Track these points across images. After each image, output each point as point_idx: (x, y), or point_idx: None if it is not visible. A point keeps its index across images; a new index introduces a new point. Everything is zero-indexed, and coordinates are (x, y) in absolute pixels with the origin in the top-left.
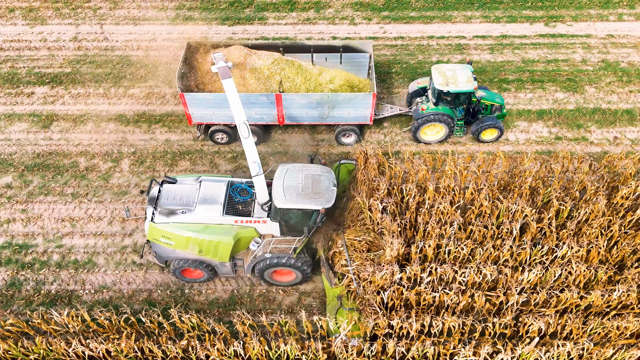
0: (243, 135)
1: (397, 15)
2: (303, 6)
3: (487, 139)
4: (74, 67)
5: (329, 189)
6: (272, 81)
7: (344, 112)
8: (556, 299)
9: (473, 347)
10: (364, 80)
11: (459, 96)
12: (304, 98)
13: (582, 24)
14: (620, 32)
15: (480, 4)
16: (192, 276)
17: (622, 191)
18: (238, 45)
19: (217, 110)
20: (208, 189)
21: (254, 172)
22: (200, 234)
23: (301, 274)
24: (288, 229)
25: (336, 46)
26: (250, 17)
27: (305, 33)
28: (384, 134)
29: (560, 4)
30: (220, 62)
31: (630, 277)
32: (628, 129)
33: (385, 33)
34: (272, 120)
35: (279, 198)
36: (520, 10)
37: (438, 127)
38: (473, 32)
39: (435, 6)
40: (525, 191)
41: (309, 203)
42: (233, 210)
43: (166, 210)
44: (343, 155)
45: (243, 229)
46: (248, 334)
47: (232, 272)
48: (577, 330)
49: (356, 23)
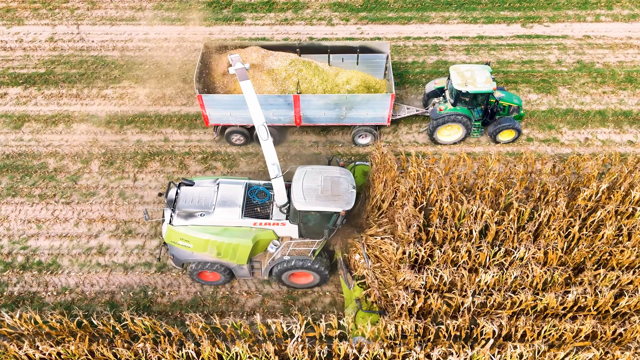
0: (262, 138)
1: (375, 16)
2: (281, 7)
3: (505, 140)
4: (48, 68)
5: (349, 191)
6: (289, 82)
7: (362, 113)
8: (510, 300)
9: (429, 349)
10: (380, 80)
11: (477, 97)
12: (322, 99)
13: (559, 24)
14: (597, 33)
15: (458, 5)
16: (209, 279)
17: (583, 193)
18: (255, 47)
19: (234, 112)
20: (226, 191)
21: (273, 175)
22: (219, 237)
23: (319, 276)
24: (306, 231)
25: (353, 47)
26: (228, 17)
27: (282, 34)
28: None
29: (538, 5)
30: (238, 64)
31: (587, 279)
32: (600, 130)
33: (362, 34)
34: (289, 121)
35: (299, 200)
36: (498, 11)
37: (455, 128)
38: (450, 33)
39: (413, 7)
40: (487, 192)
41: (329, 205)
42: (251, 213)
43: (184, 212)
44: (350, 156)
45: (261, 232)
46: (202, 337)
47: (250, 274)
48: (531, 332)
49: (333, 24)
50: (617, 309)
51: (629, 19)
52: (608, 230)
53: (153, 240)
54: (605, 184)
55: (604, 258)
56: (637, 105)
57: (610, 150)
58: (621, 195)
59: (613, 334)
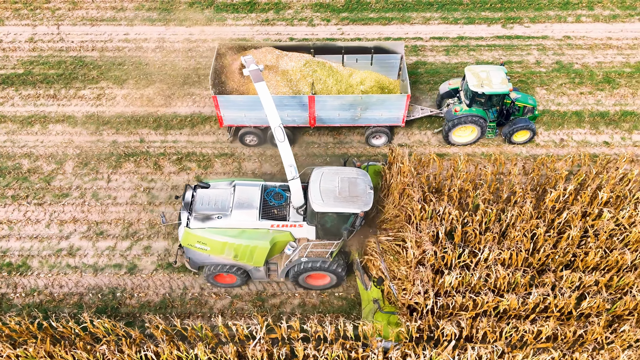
0: (278, 139)
1: (356, 17)
2: (263, 7)
3: (519, 140)
4: (26, 68)
5: (366, 192)
6: (304, 83)
7: (377, 113)
8: (472, 302)
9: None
10: (394, 81)
11: (492, 98)
12: (337, 100)
13: (540, 25)
14: (577, 34)
15: (440, 6)
16: (225, 281)
17: (550, 194)
18: (269, 47)
19: (248, 113)
20: (243, 194)
21: (290, 176)
22: (237, 239)
23: (336, 277)
24: (323, 233)
25: (367, 47)
26: (209, 17)
27: (262, 34)
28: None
29: (519, 6)
30: (252, 65)
31: (549, 280)
32: (575, 131)
33: (342, 34)
34: (304, 122)
35: (317, 202)
36: (479, 11)
37: (470, 129)
38: (430, 34)
39: (394, 7)
40: (455, 194)
41: (347, 207)
42: (269, 215)
43: (201, 215)
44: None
45: (279, 233)
46: (163, 339)
47: (266, 276)
48: (491, 333)
49: (314, 24)
50: (579, 311)
51: (610, 20)
52: (573, 231)
53: (124, 242)
54: (572, 185)
55: (569, 259)
56: (614, 106)
57: (580, 152)
58: (588, 196)
59: (574, 335)
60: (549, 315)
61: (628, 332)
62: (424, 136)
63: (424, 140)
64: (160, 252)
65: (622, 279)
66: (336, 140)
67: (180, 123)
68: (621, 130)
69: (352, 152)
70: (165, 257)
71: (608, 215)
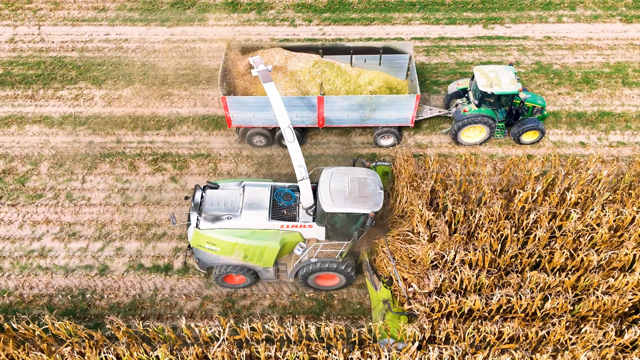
0: (288, 140)
1: (338, 17)
2: (245, 7)
3: (528, 141)
4: (5, 69)
5: (376, 192)
6: (312, 84)
7: (386, 114)
8: (438, 304)
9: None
10: (402, 81)
11: (501, 98)
12: (346, 100)
13: (521, 25)
14: (558, 34)
15: (422, 6)
16: (235, 282)
17: (519, 195)
18: (277, 48)
19: (257, 114)
20: (252, 194)
21: (300, 177)
22: (247, 240)
23: (345, 278)
24: (333, 233)
25: (376, 47)
26: (191, 18)
27: (244, 34)
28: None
29: (501, 6)
30: (260, 66)
31: (514, 281)
32: (552, 131)
33: (324, 35)
34: (312, 123)
35: (327, 202)
36: (461, 12)
37: (479, 129)
38: (412, 34)
39: (376, 8)
40: (427, 193)
41: (358, 207)
42: (278, 215)
43: (211, 216)
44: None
45: (289, 234)
46: (127, 341)
47: (275, 277)
48: (454, 334)
49: (296, 25)
50: (543, 312)
51: (591, 20)
52: (540, 232)
53: (96, 243)
54: (540, 186)
55: (535, 260)
56: (592, 107)
57: (552, 152)
58: (557, 197)
59: (537, 336)
60: (514, 316)
61: (589, 334)
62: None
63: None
64: (133, 253)
65: (587, 280)
66: (345, 141)
67: (157, 124)
68: (598, 131)
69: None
70: (137, 258)
71: (575, 216)
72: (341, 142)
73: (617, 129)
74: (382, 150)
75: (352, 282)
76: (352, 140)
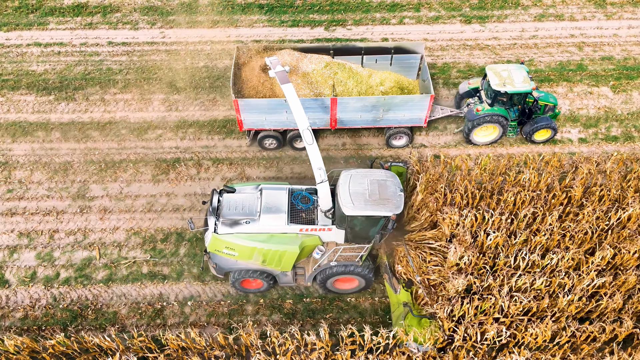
0: (307, 142)
1: (183, 20)
2: (91, 10)
3: (540, 139)
4: None
5: (397, 194)
6: (324, 85)
7: (399, 114)
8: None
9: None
10: (412, 81)
11: (514, 96)
12: (360, 101)
13: (362, 27)
14: (396, 35)
15: (269, 9)
16: (252, 287)
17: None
18: (288, 50)
19: (269, 116)
20: (270, 198)
21: (319, 179)
22: (265, 244)
23: (365, 281)
24: (352, 236)
25: (388, 47)
26: (31, 22)
27: (82, 38)
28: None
29: (348, 8)
30: (278, 67)
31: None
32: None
33: (164, 38)
34: (325, 124)
35: (347, 205)
36: (307, 14)
37: (491, 129)
38: (253, 37)
39: (224, 10)
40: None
41: (378, 210)
42: (297, 219)
43: (229, 220)
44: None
45: (307, 238)
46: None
47: (293, 281)
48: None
49: (137, 28)
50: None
51: (432, 21)
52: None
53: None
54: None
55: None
56: None
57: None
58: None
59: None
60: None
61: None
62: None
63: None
64: None
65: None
66: (353, 142)
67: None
68: None
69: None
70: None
71: None
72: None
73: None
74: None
75: (371, 284)
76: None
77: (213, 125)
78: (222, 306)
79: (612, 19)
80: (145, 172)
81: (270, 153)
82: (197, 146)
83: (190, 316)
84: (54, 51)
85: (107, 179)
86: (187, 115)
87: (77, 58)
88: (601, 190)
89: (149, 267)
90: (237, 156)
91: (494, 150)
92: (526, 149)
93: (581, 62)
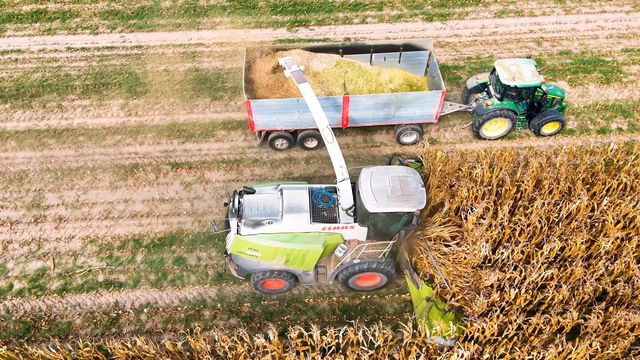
0: (327, 140)
1: (144, 24)
2: (50, 16)
3: (548, 132)
4: None
5: (419, 190)
6: (335, 84)
7: (410, 111)
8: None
9: None
10: (421, 78)
11: (523, 90)
12: (371, 99)
13: (325, 27)
14: (358, 35)
15: (232, 10)
16: (273, 287)
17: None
18: (298, 49)
19: (281, 117)
20: (291, 197)
21: (340, 177)
22: (289, 244)
23: (387, 277)
24: (375, 233)
25: (396, 45)
26: None
27: (39, 44)
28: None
29: (311, 8)
30: (293, 67)
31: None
32: None
33: (124, 42)
34: (336, 123)
35: (371, 202)
36: (270, 15)
37: (500, 123)
38: (214, 39)
39: (185, 13)
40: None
41: (402, 206)
42: (319, 218)
43: (252, 221)
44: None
45: (330, 236)
46: None
47: (315, 280)
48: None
49: (97, 33)
50: None
51: (394, 20)
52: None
53: None
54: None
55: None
56: None
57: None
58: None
59: None
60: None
61: None
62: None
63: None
64: None
65: None
66: (363, 140)
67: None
68: None
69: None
70: None
71: None
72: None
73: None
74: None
75: (392, 281)
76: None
77: (172, 130)
78: (178, 312)
79: (570, 14)
80: (103, 178)
81: (230, 156)
82: (156, 151)
83: (146, 323)
84: (10, 58)
85: (63, 187)
86: (146, 120)
87: (35, 65)
88: (551, 184)
89: (105, 275)
90: (197, 160)
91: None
92: (477, 145)
93: (539, 57)
